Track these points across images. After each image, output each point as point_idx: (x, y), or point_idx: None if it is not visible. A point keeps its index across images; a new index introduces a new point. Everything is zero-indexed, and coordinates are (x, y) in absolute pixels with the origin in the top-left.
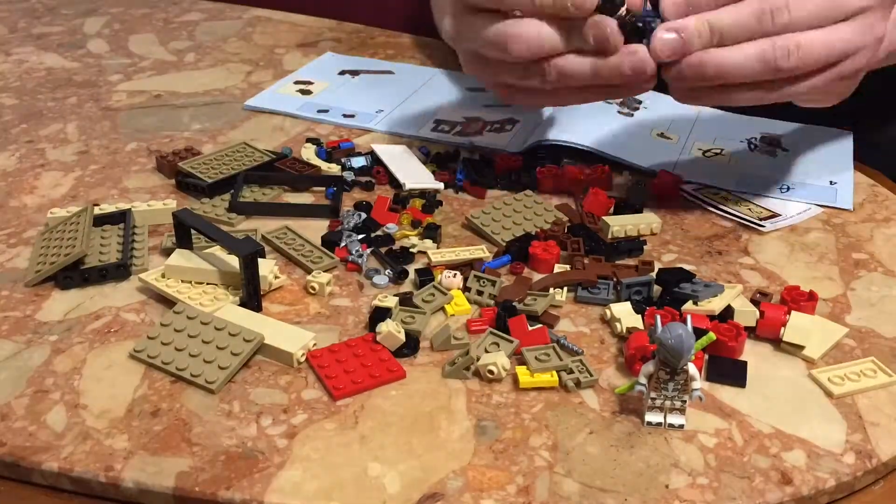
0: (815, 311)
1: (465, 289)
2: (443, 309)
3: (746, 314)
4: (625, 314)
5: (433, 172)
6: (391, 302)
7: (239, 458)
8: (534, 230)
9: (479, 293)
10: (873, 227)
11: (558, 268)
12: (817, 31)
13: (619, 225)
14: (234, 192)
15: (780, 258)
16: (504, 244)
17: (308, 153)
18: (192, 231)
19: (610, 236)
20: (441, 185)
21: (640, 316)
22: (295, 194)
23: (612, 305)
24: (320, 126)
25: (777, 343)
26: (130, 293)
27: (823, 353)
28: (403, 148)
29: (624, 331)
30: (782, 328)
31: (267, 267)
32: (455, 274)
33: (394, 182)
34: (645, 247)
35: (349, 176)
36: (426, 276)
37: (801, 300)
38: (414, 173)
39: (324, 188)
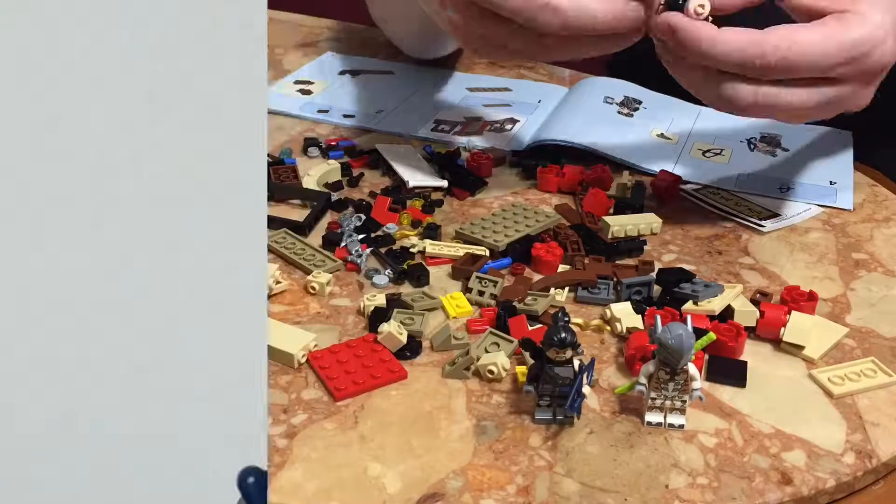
0: (815, 311)
1: (467, 289)
2: (443, 309)
3: (746, 314)
4: (625, 314)
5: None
6: (380, 301)
7: None
8: (532, 232)
9: (480, 293)
10: (873, 227)
11: (560, 268)
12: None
13: (619, 225)
14: None
15: (780, 258)
16: (497, 244)
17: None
18: None
19: (610, 236)
20: (445, 183)
21: (640, 316)
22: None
23: (612, 305)
24: (320, 126)
25: (777, 343)
26: None
27: (823, 353)
28: (408, 147)
29: (624, 331)
30: (782, 328)
31: (267, 272)
32: None
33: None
34: (645, 247)
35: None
36: (420, 271)
37: (801, 300)
38: (418, 172)
39: (304, 201)
